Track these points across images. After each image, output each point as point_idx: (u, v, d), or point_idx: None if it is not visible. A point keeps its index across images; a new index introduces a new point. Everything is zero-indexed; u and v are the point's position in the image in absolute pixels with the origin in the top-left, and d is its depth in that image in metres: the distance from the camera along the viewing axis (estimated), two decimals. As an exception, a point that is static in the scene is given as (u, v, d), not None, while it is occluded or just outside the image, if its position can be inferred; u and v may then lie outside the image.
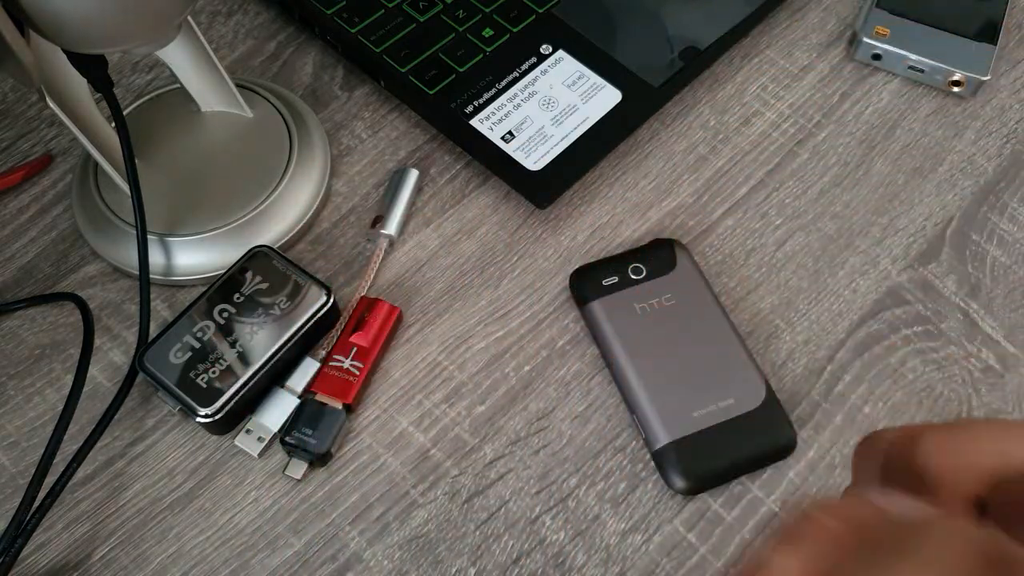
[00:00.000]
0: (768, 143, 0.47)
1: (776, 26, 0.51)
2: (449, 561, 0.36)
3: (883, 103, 0.48)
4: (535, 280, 0.43)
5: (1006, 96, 0.49)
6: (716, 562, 0.36)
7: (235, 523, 0.37)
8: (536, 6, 0.49)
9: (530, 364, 0.41)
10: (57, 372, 0.41)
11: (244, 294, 0.39)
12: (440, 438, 0.39)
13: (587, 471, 0.38)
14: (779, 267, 0.43)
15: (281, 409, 0.39)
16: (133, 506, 0.38)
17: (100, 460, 0.38)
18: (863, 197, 0.45)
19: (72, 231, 0.44)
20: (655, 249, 0.42)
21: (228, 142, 0.44)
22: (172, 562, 0.36)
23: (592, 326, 0.40)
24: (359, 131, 0.47)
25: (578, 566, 0.36)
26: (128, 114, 0.45)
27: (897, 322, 0.42)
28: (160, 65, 0.50)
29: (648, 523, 0.37)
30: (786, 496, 0.38)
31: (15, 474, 0.38)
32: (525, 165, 0.44)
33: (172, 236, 0.41)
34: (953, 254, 0.44)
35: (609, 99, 0.45)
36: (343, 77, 0.49)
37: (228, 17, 0.52)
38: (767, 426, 0.37)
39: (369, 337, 0.40)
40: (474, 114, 0.45)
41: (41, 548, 0.37)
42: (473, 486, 0.38)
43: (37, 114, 0.48)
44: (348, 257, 0.44)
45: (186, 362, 0.37)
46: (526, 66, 0.47)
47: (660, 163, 0.46)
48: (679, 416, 0.37)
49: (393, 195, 0.44)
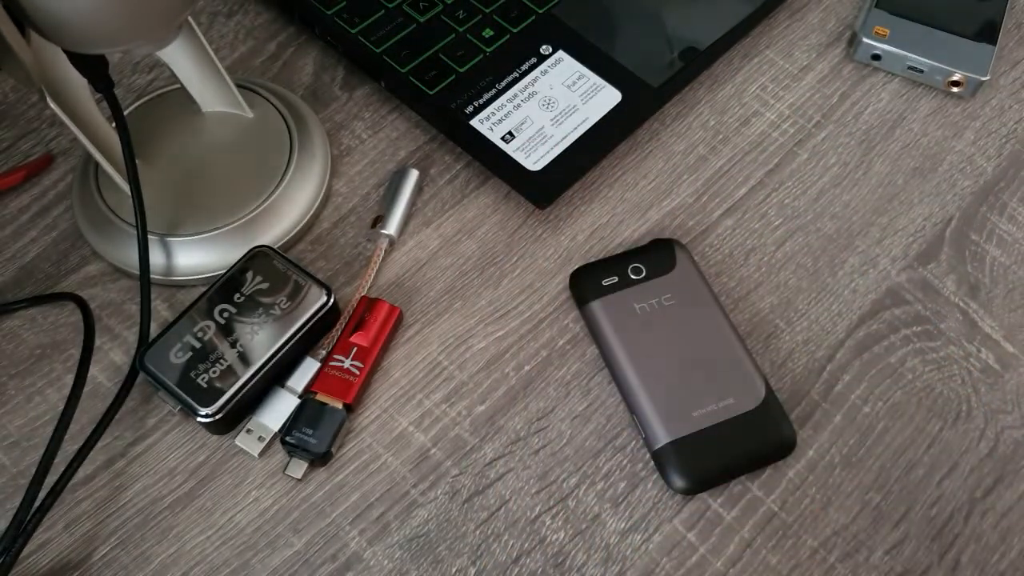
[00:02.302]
0: (768, 143, 0.47)
1: (776, 26, 0.51)
2: (449, 561, 0.36)
3: (883, 103, 0.49)
4: (535, 280, 0.43)
5: (1005, 96, 0.49)
6: (716, 562, 0.36)
7: (235, 523, 0.37)
8: (536, 6, 0.49)
9: (530, 364, 0.41)
10: (58, 372, 0.41)
11: (244, 294, 0.39)
12: (440, 438, 0.39)
13: (587, 471, 0.38)
14: (779, 267, 0.43)
15: (281, 409, 0.39)
16: (134, 506, 0.38)
17: (101, 460, 0.38)
18: (863, 197, 0.45)
19: (73, 231, 0.44)
20: (655, 249, 0.42)
21: (228, 142, 0.44)
22: (172, 562, 0.36)
23: (592, 326, 0.41)
24: (359, 131, 0.48)
25: (578, 566, 0.36)
26: (128, 114, 0.45)
27: (896, 322, 0.42)
28: (160, 65, 0.50)
29: (648, 523, 0.37)
30: (786, 496, 0.38)
31: (16, 474, 0.38)
32: (525, 165, 0.44)
33: (172, 236, 0.41)
34: (952, 254, 0.44)
35: (609, 99, 0.46)
36: (343, 77, 0.49)
37: (228, 17, 0.52)
38: (767, 426, 0.38)
39: (369, 337, 0.40)
40: (474, 114, 0.45)
41: (42, 548, 0.37)
42: (473, 486, 0.38)
43: (38, 114, 0.48)
44: (348, 257, 0.44)
45: (187, 362, 0.37)
46: (526, 66, 0.47)
47: (660, 163, 0.46)
48: (679, 416, 0.37)
49: (393, 195, 0.44)
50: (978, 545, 0.37)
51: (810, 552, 0.37)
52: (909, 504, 0.38)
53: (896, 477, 0.38)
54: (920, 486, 0.38)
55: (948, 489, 0.38)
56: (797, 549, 0.37)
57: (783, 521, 0.37)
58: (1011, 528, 0.37)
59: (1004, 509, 0.37)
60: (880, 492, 0.38)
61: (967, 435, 0.39)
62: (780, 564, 0.36)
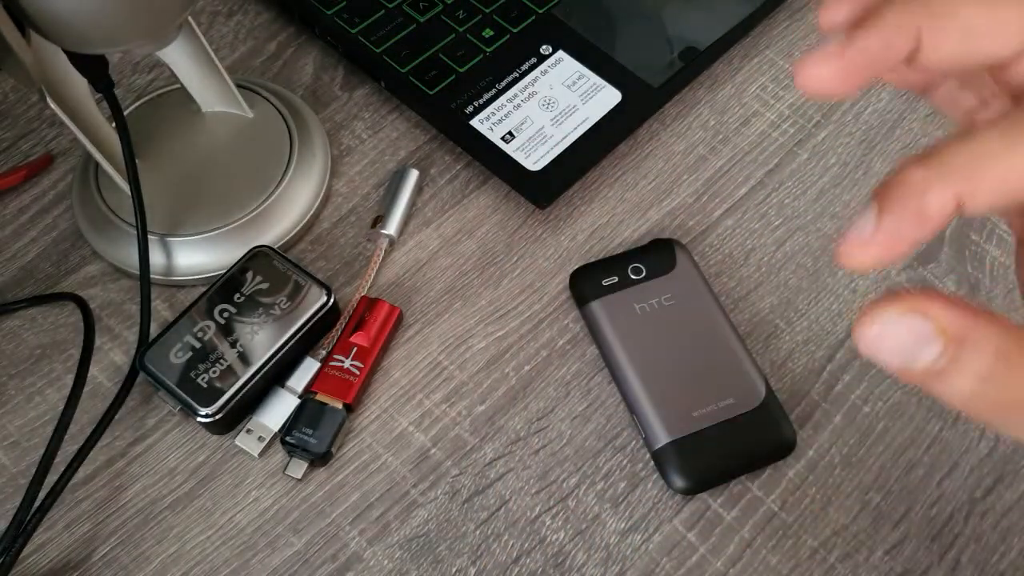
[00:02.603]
0: (768, 143, 0.47)
1: (776, 26, 0.51)
2: (449, 561, 0.36)
3: (882, 103, 0.49)
4: (535, 280, 0.43)
5: (1005, 96, 0.49)
6: (716, 562, 0.36)
7: (235, 523, 0.37)
8: (536, 6, 0.49)
9: (530, 364, 0.41)
10: (58, 372, 0.41)
11: (244, 294, 0.39)
12: (440, 438, 0.39)
13: (587, 471, 0.38)
14: (778, 267, 0.43)
15: (281, 409, 0.39)
16: (134, 506, 0.38)
17: (101, 460, 0.38)
18: (863, 197, 0.45)
19: (73, 231, 0.44)
20: (655, 249, 0.42)
21: (228, 142, 0.44)
22: (172, 562, 0.36)
23: (592, 326, 0.41)
24: (359, 131, 0.48)
25: (578, 565, 0.36)
26: (128, 114, 0.45)
27: (896, 322, 0.42)
28: (160, 65, 0.50)
29: (648, 523, 0.37)
30: (786, 496, 0.38)
31: (16, 474, 0.38)
32: (525, 165, 0.44)
33: (172, 236, 0.41)
34: (952, 254, 0.44)
35: (609, 99, 0.46)
36: (343, 77, 0.49)
37: (228, 17, 0.52)
38: (767, 426, 0.38)
39: (369, 337, 0.40)
40: (474, 114, 0.45)
41: (42, 548, 0.37)
42: (473, 486, 0.38)
43: (38, 114, 0.48)
44: (348, 257, 0.44)
45: (187, 362, 0.37)
46: (526, 66, 0.47)
47: (660, 163, 0.46)
48: (679, 416, 0.37)
49: (393, 195, 0.44)
50: (978, 545, 0.37)
51: (810, 552, 0.37)
52: (909, 504, 0.38)
53: (896, 477, 0.38)
54: (920, 486, 0.38)
55: (948, 489, 0.38)
56: (797, 549, 0.37)
57: (783, 521, 0.37)
58: (1011, 528, 0.37)
59: (1004, 509, 0.37)
60: (880, 492, 0.38)
61: (967, 435, 0.39)
62: (780, 564, 0.36)
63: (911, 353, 0.18)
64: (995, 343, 0.18)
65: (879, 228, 0.19)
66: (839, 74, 0.20)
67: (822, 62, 0.20)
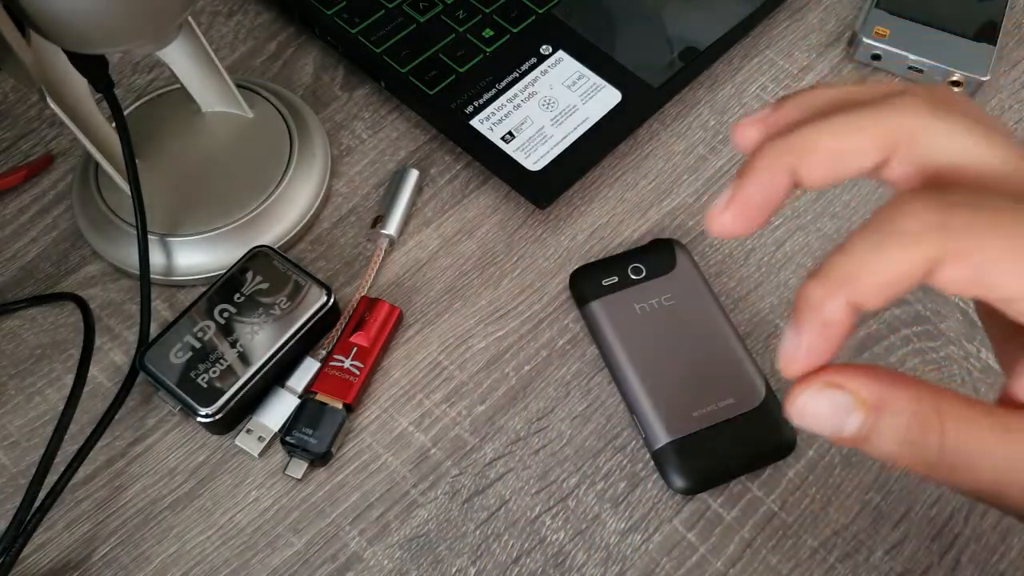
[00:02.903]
0: (768, 143, 0.47)
1: (776, 26, 0.51)
2: (449, 561, 0.36)
3: (883, 103, 0.48)
4: (535, 280, 0.43)
5: (1006, 96, 0.49)
6: (716, 562, 0.36)
7: (235, 523, 0.37)
8: (536, 6, 0.49)
9: (530, 364, 0.41)
10: (58, 372, 0.41)
11: (244, 294, 0.39)
12: (440, 438, 0.39)
13: (587, 471, 0.38)
14: (778, 267, 0.43)
15: (281, 409, 0.39)
16: (133, 506, 0.38)
17: (101, 460, 0.38)
18: (862, 197, 0.45)
19: (73, 231, 0.44)
20: (655, 249, 0.42)
21: (228, 142, 0.44)
22: (173, 562, 0.36)
23: (592, 326, 0.41)
24: (359, 131, 0.48)
25: (578, 565, 0.36)
26: (128, 114, 0.45)
27: (896, 322, 0.42)
28: (160, 65, 0.50)
29: (648, 523, 0.37)
30: (786, 496, 0.38)
31: (16, 474, 0.38)
32: (525, 165, 0.44)
33: (172, 236, 0.41)
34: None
35: (609, 99, 0.46)
36: (343, 77, 0.49)
37: (228, 17, 0.52)
38: (767, 426, 0.38)
39: (369, 337, 0.40)
40: (474, 114, 0.45)
41: (42, 548, 0.37)
42: (473, 486, 0.38)
43: (38, 114, 0.48)
44: (348, 257, 0.44)
45: (187, 362, 0.37)
46: (526, 66, 0.47)
47: (660, 163, 0.46)
48: (679, 416, 0.37)
49: (393, 195, 0.44)
50: (978, 545, 0.37)
51: (810, 552, 0.37)
52: (909, 504, 0.38)
53: (896, 477, 0.38)
54: (920, 486, 0.38)
55: (948, 489, 0.38)
56: (797, 549, 0.37)
57: (783, 521, 0.37)
58: (1011, 528, 0.37)
59: (1004, 509, 0.37)
60: (880, 492, 0.38)
61: (967, 435, 0.39)
62: (780, 564, 0.36)
63: (836, 423, 0.20)
64: (911, 408, 0.20)
65: (799, 346, 0.21)
66: (740, 219, 0.22)
67: (723, 211, 0.22)
